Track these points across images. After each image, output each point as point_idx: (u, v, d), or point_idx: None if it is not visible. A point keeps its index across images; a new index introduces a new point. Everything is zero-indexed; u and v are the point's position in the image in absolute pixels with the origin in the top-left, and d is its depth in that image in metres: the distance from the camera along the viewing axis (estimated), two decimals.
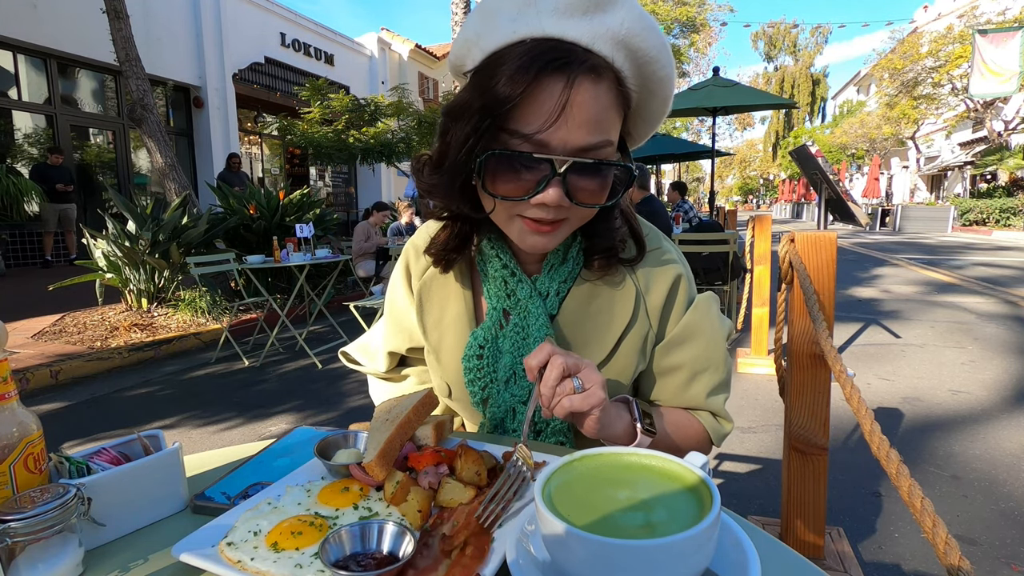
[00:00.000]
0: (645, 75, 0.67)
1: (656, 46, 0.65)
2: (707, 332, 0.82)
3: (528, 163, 0.65)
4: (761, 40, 52.60)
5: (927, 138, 29.23)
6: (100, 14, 6.35)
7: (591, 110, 0.63)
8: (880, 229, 21.44)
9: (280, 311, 4.76)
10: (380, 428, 0.66)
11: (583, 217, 0.72)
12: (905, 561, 1.93)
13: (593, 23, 0.63)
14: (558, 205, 0.66)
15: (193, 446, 3.01)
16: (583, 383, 0.62)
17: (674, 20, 18.91)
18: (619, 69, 0.65)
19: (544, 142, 0.63)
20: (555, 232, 0.71)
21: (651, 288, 0.82)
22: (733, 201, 64.65)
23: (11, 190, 7.57)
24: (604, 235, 0.78)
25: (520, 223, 0.70)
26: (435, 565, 0.49)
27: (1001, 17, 20.74)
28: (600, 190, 0.68)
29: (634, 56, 0.65)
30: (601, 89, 0.64)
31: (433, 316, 0.89)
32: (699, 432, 0.82)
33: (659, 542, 0.40)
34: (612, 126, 0.67)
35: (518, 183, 0.66)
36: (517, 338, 0.80)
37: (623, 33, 0.63)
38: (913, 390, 3.59)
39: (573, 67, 0.62)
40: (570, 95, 0.62)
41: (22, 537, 0.49)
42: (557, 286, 0.81)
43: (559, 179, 0.64)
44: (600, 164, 0.66)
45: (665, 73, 0.67)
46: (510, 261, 0.81)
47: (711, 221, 6.84)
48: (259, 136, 13.54)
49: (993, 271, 8.87)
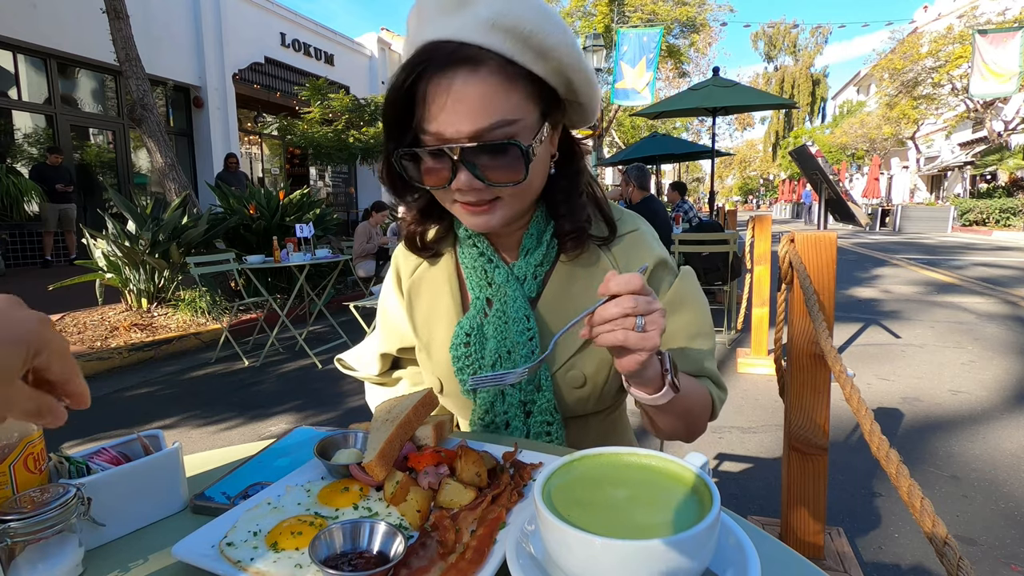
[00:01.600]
0: (534, 47, 0.69)
1: (532, 18, 0.67)
2: (697, 299, 0.86)
3: (431, 155, 0.70)
4: (761, 40, 52.60)
5: (927, 138, 29.23)
6: (100, 14, 6.35)
7: (471, 96, 0.67)
8: (880, 229, 21.44)
9: (280, 311, 4.76)
10: (380, 428, 0.66)
11: (515, 195, 0.75)
12: (905, 561, 1.93)
13: (463, 17, 0.67)
14: (472, 188, 0.71)
15: (193, 446, 3.01)
16: (646, 324, 0.62)
17: (674, 20, 18.88)
18: (500, 51, 0.67)
19: (439, 133, 0.68)
20: (491, 211, 0.75)
21: (630, 266, 0.85)
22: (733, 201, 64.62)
23: (11, 190, 7.58)
24: (569, 216, 0.82)
25: (458, 207, 0.76)
26: (429, 566, 0.49)
27: (1001, 17, 20.74)
28: (510, 168, 0.71)
29: (513, 34, 0.67)
30: (480, 75, 0.67)
31: (423, 312, 0.92)
32: (707, 398, 0.82)
33: (659, 542, 0.40)
34: (505, 106, 0.69)
35: (434, 174, 0.72)
36: (499, 323, 0.84)
37: (491, 17, 0.66)
38: (913, 390, 3.59)
39: (439, 63, 0.67)
40: (444, 87, 0.67)
41: (22, 537, 0.49)
42: (534, 269, 0.84)
43: (461, 165, 0.69)
44: (488, 146, 0.69)
45: (554, 40, 0.69)
46: (487, 249, 0.85)
47: (711, 221, 6.84)
48: (259, 136, 13.53)
49: (993, 271, 8.87)
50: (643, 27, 13.82)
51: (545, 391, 0.83)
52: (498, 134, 0.69)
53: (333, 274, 5.76)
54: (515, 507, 0.58)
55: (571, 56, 0.71)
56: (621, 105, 15.37)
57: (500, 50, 0.67)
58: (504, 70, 0.68)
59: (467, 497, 0.58)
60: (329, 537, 0.50)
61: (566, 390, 0.83)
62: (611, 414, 0.94)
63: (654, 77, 12.49)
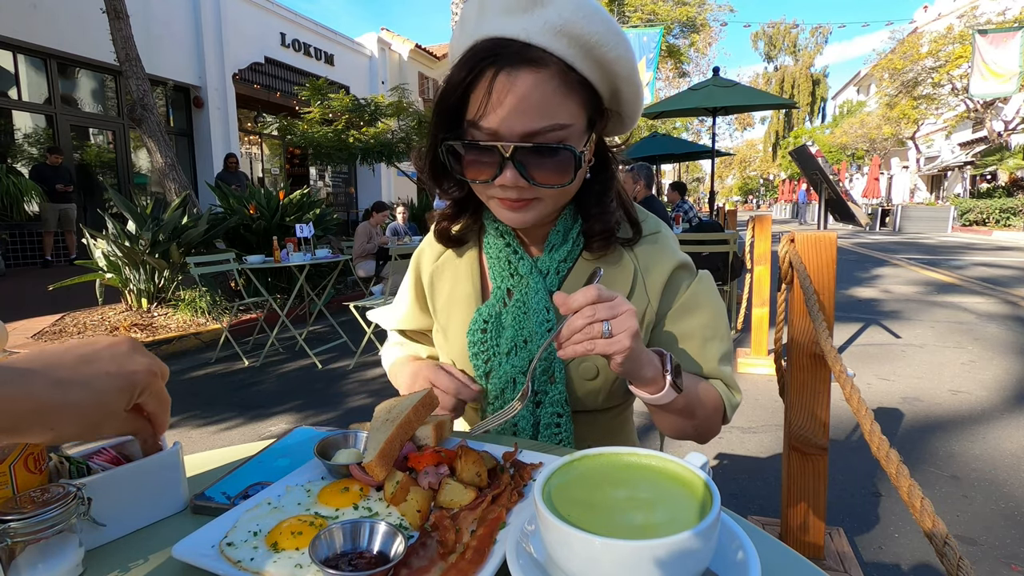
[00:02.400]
0: (596, 58, 0.70)
1: (599, 30, 0.68)
2: (712, 302, 0.87)
3: (481, 149, 0.72)
4: (761, 40, 52.58)
5: (927, 138, 29.23)
6: (100, 14, 6.35)
7: (532, 98, 0.68)
8: (880, 229, 21.44)
9: (280, 311, 4.76)
10: (380, 428, 0.66)
11: (554, 196, 0.77)
12: (905, 561, 1.93)
13: (531, 18, 0.68)
14: (516, 186, 0.73)
15: (193, 446, 3.01)
16: (612, 329, 0.63)
17: (674, 20, 18.89)
18: (563, 57, 0.69)
19: (492, 129, 0.70)
20: (527, 208, 0.77)
21: (651, 268, 0.86)
22: (733, 201, 64.64)
23: (11, 190, 7.57)
24: (600, 218, 0.83)
25: (495, 201, 0.78)
26: (430, 566, 0.49)
27: (1001, 17, 20.74)
28: (556, 172, 0.73)
29: (577, 42, 0.68)
30: (542, 77, 0.68)
31: (443, 297, 0.95)
32: (717, 399, 0.83)
33: (659, 542, 0.40)
34: (561, 111, 0.70)
35: (479, 168, 0.74)
36: (519, 313, 0.85)
37: (560, 22, 0.67)
38: (913, 390, 3.59)
39: (505, 60, 0.68)
40: (505, 85, 0.68)
41: (22, 537, 0.49)
42: (557, 265, 0.86)
43: (510, 162, 0.71)
44: (541, 147, 0.70)
45: (616, 54, 0.70)
46: (512, 240, 0.87)
47: (711, 221, 6.84)
48: (259, 136, 13.53)
49: (993, 271, 8.87)
50: (643, 27, 13.82)
51: (558, 383, 0.84)
52: (551, 137, 0.70)
53: (333, 274, 5.76)
54: (515, 507, 0.58)
55: (628, 69, 0.72)
56: None
57: (563, 55, 0.69)
58: (564, 75, 0.69)
59: (467, 497, 0.58)
60: (329, 537, 0.50)
61: (578, 381, 0.85)
62: (620, 413, 0.95)
63: (654, 77, 12.50)
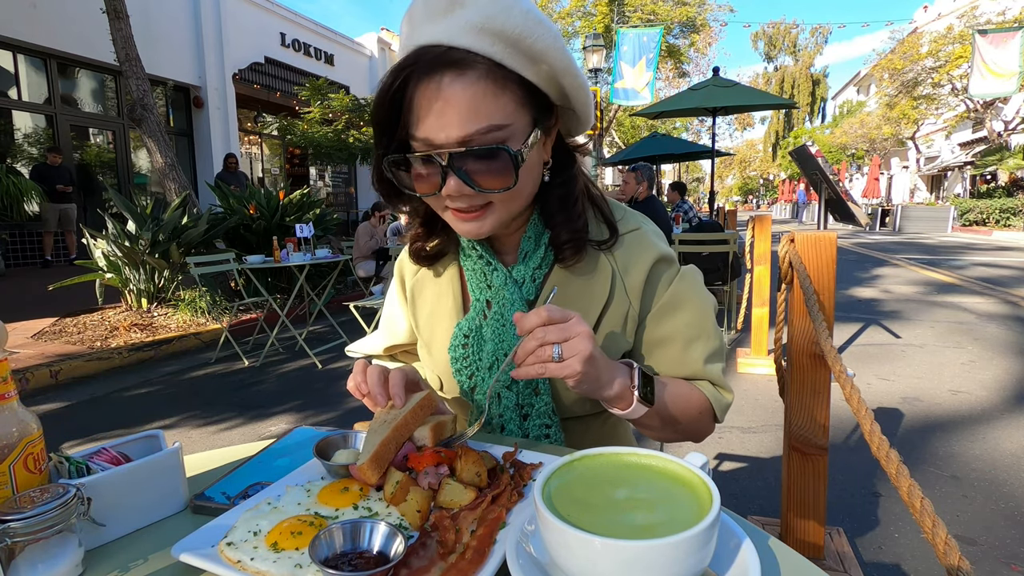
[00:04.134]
0: (523, 51, 0.68)
1: (519, 22, 0.66)
2: (696, 300, 0.83)
3: (420, 161, 0.70)
4: (761, 40, 52.59)
5: (927, 138, 29.22)
6: (100, 14, 6.34)
7: (460, 101, 0.66)
8: (880, 229, 21.44)
9: (280, 311, 4.76)
10: (377, 430, 0.66)
11: (506, 201, 0.74)
12: (905, 561, 1.93)
13: (452, 20, 0.66)
14: (462, 194, 0.70)
15: (193, 446, 3.01)
16: (563, 353, 0.62)
17: (674, 20, 18.88)
18: (489, 55, 0.66)
19: (429, 139, 0.68)
20: (482, 218, 0.74)
21: (630, 268, 0.83)
22: (733, 201, 64.62)
23: (11, 190, 7.57)
24: (565, 225, 0.81)
25: (449, 213, 0.75)
26: (429, 566, 0.49)
27: (1001, 17, 20.73)
28: (500, 174, 0.70)
29: (501, 38, 0.66)
30: (469, 79, 0.66)
31: (425, 312, 0.93)
32: (702, 402, 0.81)
33: (659, 542, 0.40)
34: (495, 111, 0.68)
35: (424, 181, 0.71)
36: (498, 326, 0.83)
37: (479, 20, 0.65)
38: (913, 390, 3.59)
39: (426, 66, 0.66)
40: (433, 92, 0.66)
41: (22, 537, 0.49)
42: (532, 272, 0.83)
43: (450, 171, 0.68)
44: (476, 151, 0.68)
45: (544, 44, 0.68)
46: (486, 252, 0.84)
47: (711, 221, 6.84)
48: (259, 136, 13.52)
49: (993, 271, 8.87)
50: (643, 27, 13.82)
51: (543, 394, 0.82)
52: (487, 139, 0.68)
53: (333, 274, 5.76)
54: (515, 507, 0.58)
55: (562, 61, 0.70)
56: (621, 105, 15.37)
57: (489, 53, 0.66)
58: (493, 74, 0.67)
59: (467, 497, 0.58)
60: (329, 537, 0.50)
61: (564, 391, 0.83)
62: (612, 417, 0.92)
63: (654, 77, 12.50)
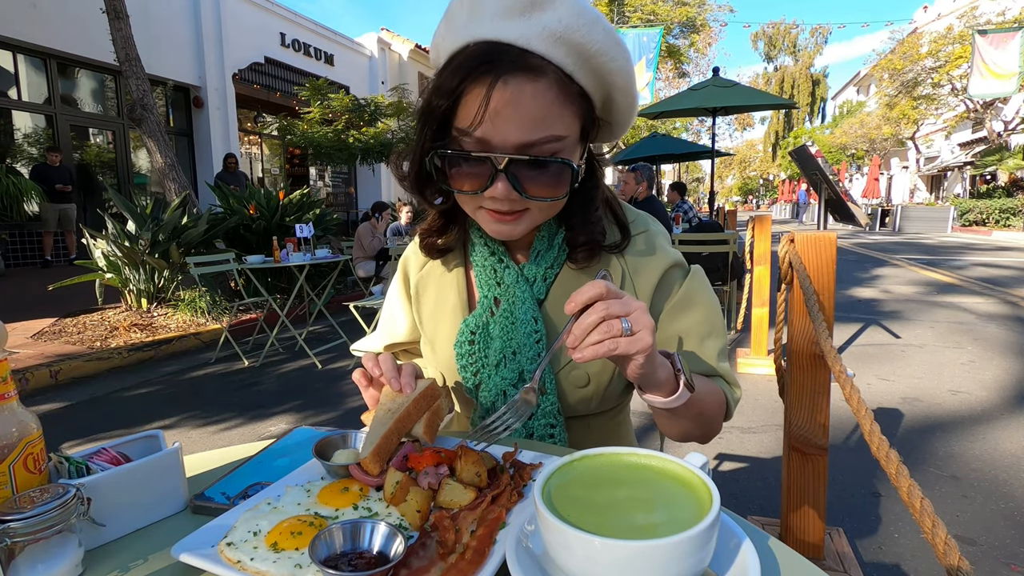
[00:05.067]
0: (594, 68, 0.67)
1: (600, 39, 0.65)
2: (706, 298, 0.84)
3: (472, 159, 0.68)
4: (761, 40, 52.57)
5: (927, 138, 29.22)
6: (100, 14, 6.34)
7: (528, 107, 0.65)
8: (880, 229, 21.44)
9: (280, 311, 4.76)
10: (382, 419, 0.66)
11: (544, 209, 0.74)
12: (905, 561, 1.93)
13: (529, 23, 0.64)
14: (507, 198, 0.69)
15: (193, 446, 3.01)
16: (632, 326, 0.58)
17: (674, 20, 18.89)
18: (561, 65, 0.65)
19: (485, 139, 0.66)
20: (517, 221, 0.74)
21: (640, 271, 0.83)
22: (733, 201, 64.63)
23: (11, 190, 7.57)
24: (583, 228, 0.81)
25: (484, 213, 0.75)
26: (429, 567, 0.49)
27: (1001, 17, 20.73)
28: (551, 185, 0.70)
29: (577, 51, 0.65)
30: (540, 86, 0.65)
31: (429, 308, 0.92)
32: (721, 398, 0.80)
33: (659, 542, 0.40)
34: (558, 122, 0.67)
35: (469, 178, 0.70)
36: (506, 323, 0.82)
37: (560, 29, 0.64)
38: (913, 390, 3.59)
39: (502, 67, 0.64)
40: (502, 94, 0.64)
41: (22, 537, 0.49)
42: (543, 271, 0.83)
43: (503, 174, 0.67)
44: (537, 160, 0.67)
45: (617, 65, 0.67)
46: (498, 249, 0.84)
47: (711, 221, 6.84)
48: (259, 136, 13.52)
49: (993, 271, 8.87)
50: (643, 27, 13.82)
51: (549, 394, 0.82)
52: (546, 149, 0.67)
53: (333, 274, 5.76)
54: (515, 507, 0.58)
55: (626, 81, 0.70)
56: None
57: (561, 63, 0.65)
58: (562, 85, 0.66)
59: (467, 497, 0.58)
60: (329, 537, 0.50)
61: (569, 390, 0.83)
62: (615, 416, 0.93)
63: (654, 77, 12.49)
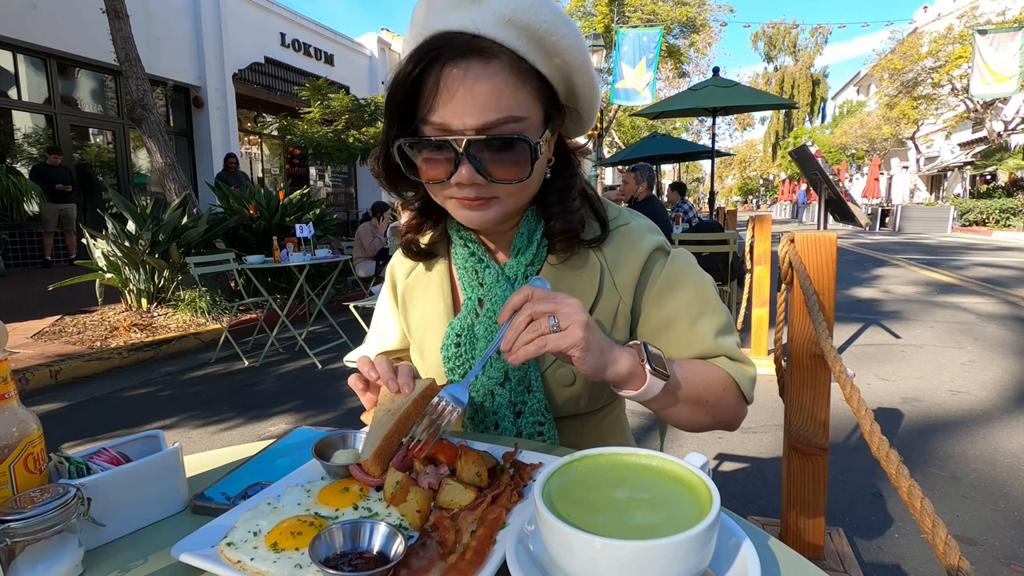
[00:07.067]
0: (547, 48, 0.69)
1: (547, 19, 0.67)
2: (692, 278, 0.83)
3: (434, 146, 0.69)
4: (761, 40, 52.58)
5: (927, 138, 29.22)
6: (100, 14, 6.35)
7: (483, 89, 0.66)
8: (880, 229, 21.44)
9: (280, 311, 4.76)
10: (381, 420, 0.66)
11: (513, 194, 0.74)
12: (905, 561, 1.93)
13: (479, 9, 0.67)
14: (472, 183, 0.70)
15: (193, 446, 3.01)
16: (560, 321, 0.61)
17: (674, 20, 18.87)
18: (513, 48, 0.67)
19: (444, 124, 0.68)
20: (486, 207, 0.74)
21: (620, 264, 0.83)
22: (733, 201, 64.68)
23: (11, 190, 7.57)
24: (561, 217, 0.81)
25: (453, 202, 0.75)
26: (429, 567, 0.49)
27: (1001, 17, 20.72)
28: (514, 165, 0.71)
29: (527, 32, 0.67)
30: (493, 68, 0.67)
31: (416, 315, 0.93)
32: (724, 378, 0.77)
33: (659, 542, 0.40)
34: (515, 103, 0.68)
35: (434, 166, 0.71)
36: (490, 323, 0.83)
37: (508, 12, 0.66)
38: (913, 390, 3.59)
39: (453, 52, 0.66)
40: (456, 77, 0.66)
41: (22, 537, 0.49)
42: (524, 269, 0.83)
43: (465, 158, 0.68)
44: (494, 139, 0.68)
45: (568, 43, 0.69)
46: (478, 249, 0.84)
47: (711, 221, 6.84)
48: (259, 136, 13.53)
49: (993, 271, 8.87)
50: (643, 27, 13.81)
51: (536, 391, 0.82)
52: (505, 129, 0.68)
53: (333, 274, 5.76)
54: (515, 507, 0.58)
55: (580, 59, 0.71)
56: (621, 105, 15.36)
57: (513, 46, 0.67)
58: (515, 66, 0.68)
59: (467, 497, 0.58)
60: (329, 537, 0.50)
61: (556, 388, 0.83)
62: (608, 415, 0.92)
63: (654, 77, 12.48)
